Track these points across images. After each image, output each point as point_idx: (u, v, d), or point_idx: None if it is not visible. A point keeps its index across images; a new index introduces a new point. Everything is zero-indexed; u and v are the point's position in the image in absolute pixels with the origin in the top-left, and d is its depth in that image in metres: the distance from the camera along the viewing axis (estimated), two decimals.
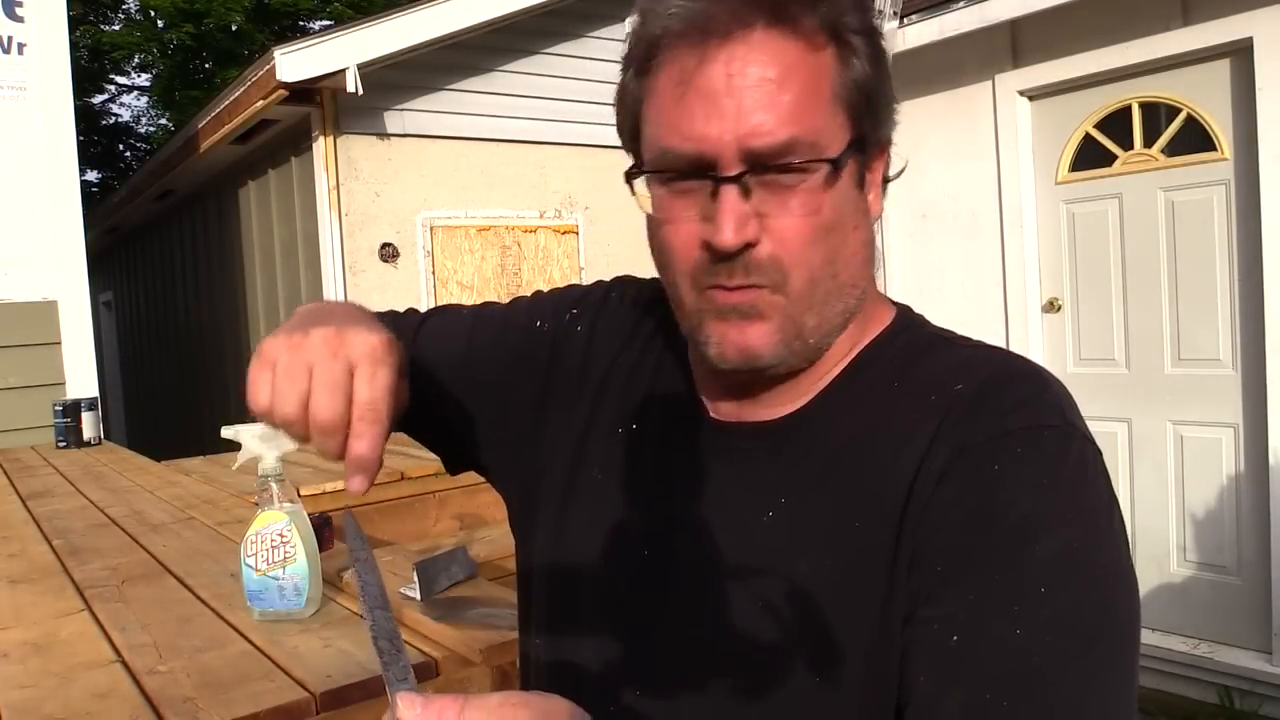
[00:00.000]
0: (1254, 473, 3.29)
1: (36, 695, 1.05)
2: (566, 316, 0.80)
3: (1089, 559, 0.56)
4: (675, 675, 0.64)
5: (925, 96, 4.13)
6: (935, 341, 0.67)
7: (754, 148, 0.57)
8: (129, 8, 14.76)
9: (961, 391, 0.61)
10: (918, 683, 0.56)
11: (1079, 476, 0.58)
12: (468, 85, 4.90)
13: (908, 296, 3.45)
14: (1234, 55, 3.24)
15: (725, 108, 0.57)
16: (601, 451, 0.74)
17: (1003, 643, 0.54)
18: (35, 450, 3.66)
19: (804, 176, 0.58)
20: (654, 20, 0.59)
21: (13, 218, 3.99)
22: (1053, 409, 0.60)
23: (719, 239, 0.58)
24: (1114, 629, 0.55)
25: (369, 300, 5.12)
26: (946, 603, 0.56)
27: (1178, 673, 3.43)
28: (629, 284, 0.82)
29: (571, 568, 0.72)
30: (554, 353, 0.79)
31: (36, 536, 1.97)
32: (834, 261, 0.61)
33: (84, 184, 5.44)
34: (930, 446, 0.59)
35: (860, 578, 0.59)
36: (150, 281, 9.01)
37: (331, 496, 2.60)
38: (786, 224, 0.59)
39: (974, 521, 0.57)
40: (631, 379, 0.75)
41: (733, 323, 0.61)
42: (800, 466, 0.65)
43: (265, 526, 1.25)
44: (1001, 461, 0.57)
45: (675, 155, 0.59)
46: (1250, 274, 3.24)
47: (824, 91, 0.59)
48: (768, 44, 0.57)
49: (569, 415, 0.76)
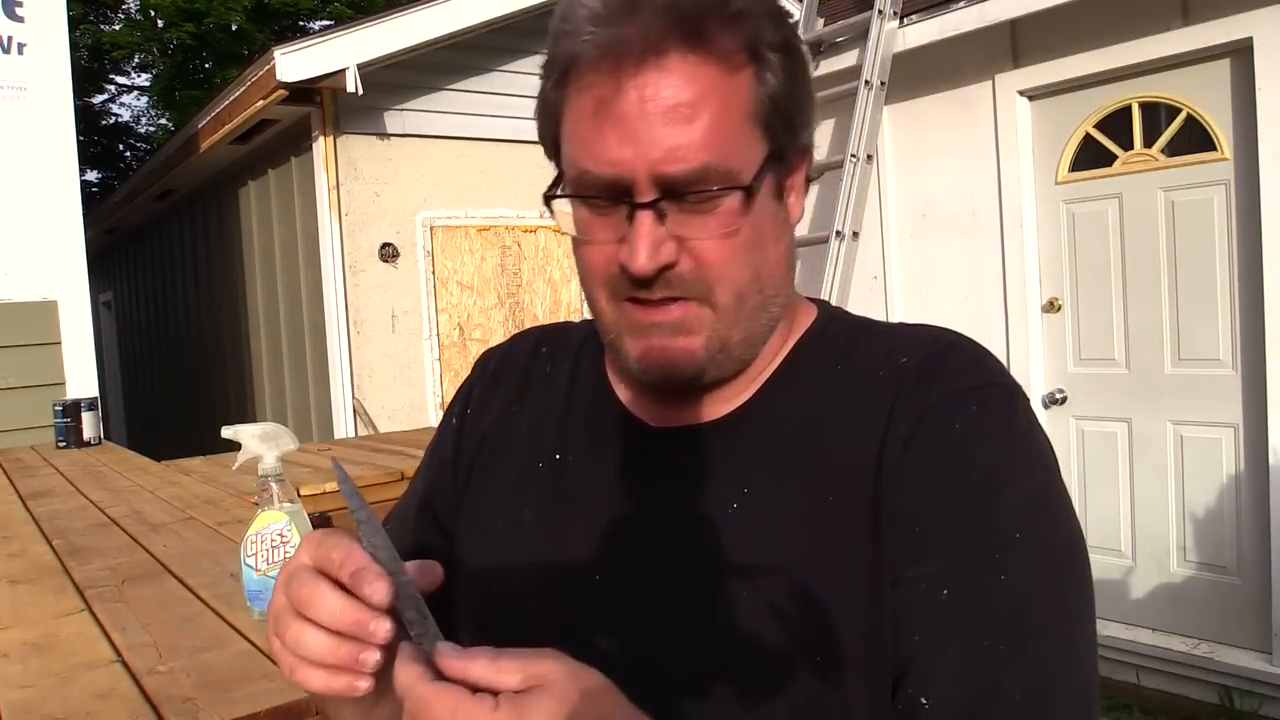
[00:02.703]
0: (1254, 473, 3.29)
1: (36, 695, 1.05)
2: (458, 407, 0.81)
3: (1050, 503, 0.60)
4: (656, 691, 0.59)
5: (925, 96, 4.13)
6: (864, 326, 0.70)
7: (667, 174, 0.57)
8: (129, 8, 14.78)
9: (908, 364, 0.64)
10: (912, 642, 0.58)
11: (1029, 429, 0.62)
12: (468, 85, 4.91)
13: (907, 296, 3.45)
14: (1234, 55, 3.24)
15: (639, 133, 0.57)
16: (523, 494, 0.72)
17: (989, 590, 0.57)
18: (35, 450, 3.66)
19: (719, 200, 0.59)
20: (569, 40, 0.59)
21: (13, 218, 4.00)
22: (994, 370, 0.64)
23: (634, 264, 0.58)
24: (1079, 567, 0.60)
25: (369, 300, 5.14)
26: (930, 560, 0.58)
27: (1178, 673, 3.43)
28: (494, 350, 0.83)
29: (510, 606, 0.69)
30: (457, 442, 0.79)
31: (36, 536, 1.97)
32: (758, 277, 0.62)
33: (84, 184, 5.44)
34: (890, 416, 0.62)
35: (845, 552, 0.60)
36: (150, 281, 9.01)
37: (332, 496, 2.60)
38: (706, 246, 0.60)
39: (944, 478, 0.59)
40: (540, 418, 0.75)
41: (653, 338, 0.62)
42: (756, 456, 0.65)
43: (265, 526, 1.24)
44: (960, 420, 0.61)
45: (593, 178, 0.59)
46: (1250, 274, 3.24)
47: (739, 113, 0.59)
48: (682, 68, 0.57)
49: (484, 483, 0.76)
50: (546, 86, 0.63)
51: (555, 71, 0.61)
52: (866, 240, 4.10)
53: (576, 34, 0.58)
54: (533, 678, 0.46)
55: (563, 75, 0.61)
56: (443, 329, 4.91)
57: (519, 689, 0.46)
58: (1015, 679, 0.56)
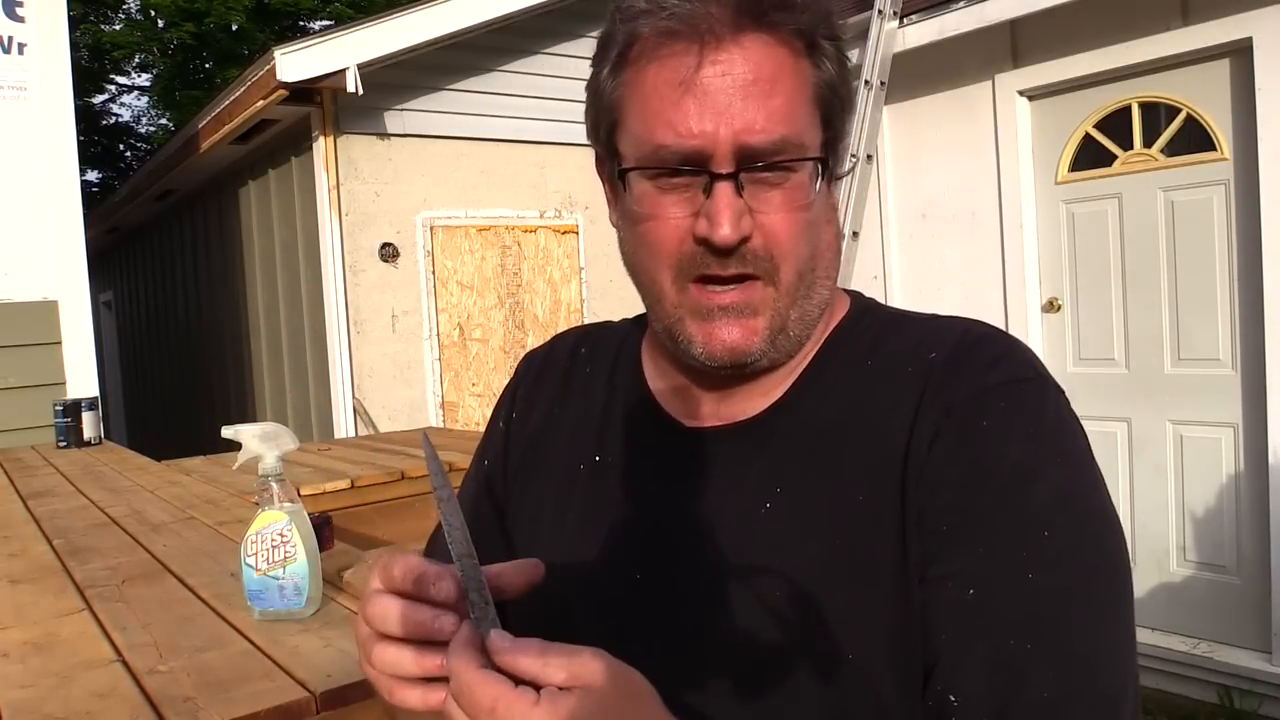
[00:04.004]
0: (1254, 472, 3.29)
1: (37, 694, 1.05)
2: (504, 411, 0.83)
3: (1081, 499, 0.59)
4: (698, 688, 0.62)
5: (925, 96, 4.13)
6: (896, 319, 0.71)
7: (748, 145, 0.59)
8: (129, 8, 14.77)
9: (936, 359, 0.64)
10: (940, 640, 0.58)
11: (1059, 423, 0.61)
12: (468, 85, 4.91)
13: (907, 296, 3.44)
14: (1234, 55, 3.24)
15: (720, 106, 0.59)
16: (566, 497, 0.74)
17: (1016, 589, 0.56)
18: (36, 450, 3.66)
19: (790, 174, 0.61)
20: (637, 21, 0.61)
21: (13, 218, 3.99)
22: (1025, 363, 0.64)
23: (719, 234, 0.60)
24: (1110, 564, 0.58)
25: (369, 300, 5.14)
26: (957, 558, 0.58)
27: (1177, 672, 3.43)
28: (535, 352, 0.85)
29: (555, 606, 0.69)
30: (505, 446, 0.81)
31: (37, 536, 1.97)
32: (814, 255, 0.65)
33: (84, 184, 5.45)
34: (918, 413, 0.62)
35: (875, 551, 0.60)
36: (150, 281, 9.01)
37: (332, 496, 2.60)
38: (776, 219, 0.61)
39: (971, 476, 0.59)
40: (580, 421, 0.77)
41: (719, 321, 0.63)
42: (789, 454, 0.65)
43: (265, 526, 1.25)
44: (988, 416, 0.60)
45: (669, 152, 0.60)
46: (1250, 274, 3.24)
47: (805, 94, 0.62)
48: (759, 48, 0.60)
49: (530, 484, 0.77)
50: (603, 70, 0.64)
51: (615, 51, 0.63)
52: (866, 240, 4.10)
53: (651, 13, 0.60)
54: (576, 677, 0.47)
55: (624, 54, 0.62)
56: (443, 329, 4.91)
57: (562, 686, 0.46)
58: (1042, 679, 0.55)
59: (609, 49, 0.64)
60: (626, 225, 0.67)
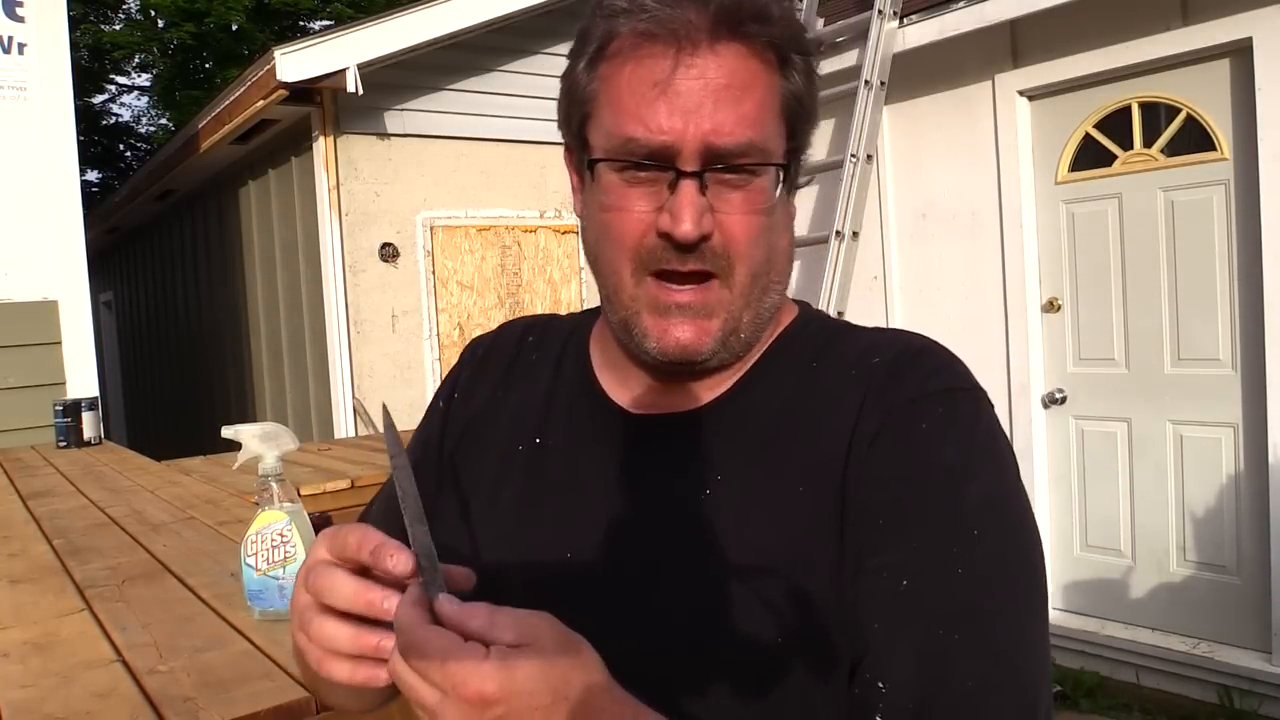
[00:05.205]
0: (1254, 472, 3.29)
1: (37, 694, 1.05)
2: (445, 392, 0.83)
3: (1008, 504, 0.63)
4: (631, 663, 0.59)
5: (925, 96, 4.13)
6: (841, 328, 0.74)
7: (715, 145, 0.62)
8: (129, 8, 14.77)
9: (879, 364, 0.66)
10: (872, 630, 0.60)
11: (990, 433, 0.65)
12: (468, 85, 4.91)
13: (907, 296, 3.45)
14: (1233, 55, 3.24)
15: (691, 107, 0.62)
16: (503, 476, 0.75)
17: (946, 582, 0.59)
18: (36, 450, 3.66)
19: (752, 178, 0.64)
20: (616, 20, 0.63)
21: (13, 218, 3.99)
22: (962, 375, 0.66)
23: (680, 230, 0.62)
24: (1031, 566, 0.62)
25: (369, 300, 5.13)
26: (890, 551, 0.60)
27: (1177, 672, 3.43)
28: (482, 338, 0.87)
29: (488, 580, 0.69)
30: (442, 426, 0.81)
31: (37, 536, 1.97)
32: (769, 260, 0.67)
33: (84, 184, 5.44)
34: (859, 413, 0.64)
35: (811, 542, 0.62)
36: (150, 281, 9.01)
37: (332, 496, 2.60)
38: (735, 220, 0.64)
39: (908, 475, 0.62)
40: (523, 404, 0.78)
41: (674, 319, 0.65)
42: (732, 445, 0.67)
43: (265, 526, 1.25)
44: (927, 420, 0.63)
45: (638, 145, 0.62)
46: (1250, 274, 3.24)
47: (773, 104, 0.65)
48: (732, 57, 0.63)
49: (466, 465, 0.78)
50: (579, 63, 0.67)
51: (594, 46, 0.65)
52: (866, 240, 4.10)
53: (631, 14, 0.62)
54: (524, 635, 0.48)
55: (602, 50, 0.65)
56: (443, 329, 4.91)
57: (511, 644, 0.48)
58: (968, 669, 0.58)
59: (587, 43, 0.66)
60: (591, 215, 0.68)
